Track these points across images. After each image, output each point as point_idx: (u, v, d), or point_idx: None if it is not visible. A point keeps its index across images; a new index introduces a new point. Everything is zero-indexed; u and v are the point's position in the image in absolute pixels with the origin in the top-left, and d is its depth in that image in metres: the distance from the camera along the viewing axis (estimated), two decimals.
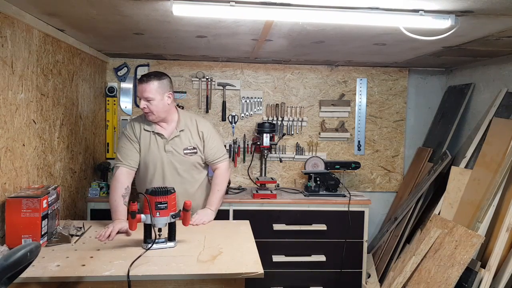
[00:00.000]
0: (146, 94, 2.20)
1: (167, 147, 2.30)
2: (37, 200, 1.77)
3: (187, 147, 2.32)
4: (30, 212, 1.76)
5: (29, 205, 1.76)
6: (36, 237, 1.77)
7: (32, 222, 1.77)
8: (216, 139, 2.42)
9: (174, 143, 2.31)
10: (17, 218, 1.76)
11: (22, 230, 1.76)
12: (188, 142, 2.33)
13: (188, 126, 2.35)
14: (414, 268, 2.72)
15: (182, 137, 2.32)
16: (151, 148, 2.30)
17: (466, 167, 2.96)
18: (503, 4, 1.67)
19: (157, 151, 2.30)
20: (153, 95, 2.20)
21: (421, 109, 3.78)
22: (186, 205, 1.89)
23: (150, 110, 2.23)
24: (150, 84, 2.20)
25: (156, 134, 2.31)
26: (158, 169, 2.30)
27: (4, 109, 1.84)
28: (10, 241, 1.75)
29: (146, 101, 2.21)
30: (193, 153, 2.34)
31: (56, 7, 1.89)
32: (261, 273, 1.61)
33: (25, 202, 1.76)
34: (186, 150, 2.32)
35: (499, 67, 3.06)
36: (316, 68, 3.65)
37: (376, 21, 1.88)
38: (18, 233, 1.76)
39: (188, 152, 2.33)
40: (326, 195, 3.20)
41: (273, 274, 3.06)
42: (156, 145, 2.30)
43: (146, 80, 2.21)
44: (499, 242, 2.39)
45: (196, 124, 2.37)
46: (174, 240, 1.87)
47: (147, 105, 2.22)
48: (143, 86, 2.21)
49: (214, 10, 1.76)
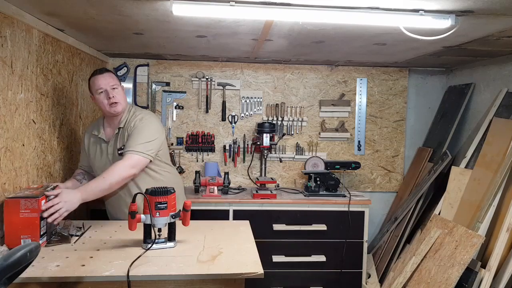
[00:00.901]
0: (111, 82, 2.14)
1: (109, 150, 2.23)
2: (35, 200, 1.76)
3: (121, 147, 2.17)
4: (28, 212, 1.76)
5: (27, 206, 1.76)
6: (35, 237, 1.76)
7: (31, 223, 1.76)
8: (138, 131, 2.11)
9: (113, 144, 2.22)
10: (16, 218, 1.75)
11: (21, 230, 1.76)
12: (122, 142, 2.18)
13: (126, 123, 2.20)
14: (414, 268, 2.72)
15: (118, 136, 2.20)
16: (96, 154, 2.27)
17: (466, 167, 2.96)
18: (503, 4, 1.67)
19: (100, 156, 2.26)
20: (116, 82, 2.18)
21: (421, 109, 3.78)
22: (186, 205, 1.88)
23: (118, 100, 2.15)
24: (108, 73, 2.18)
25: (100, 139, 2.25)
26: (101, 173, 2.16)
27: (4, 109, 1.84)
28: (9, 242, 1.75)
29: (112, 89, 2.14)
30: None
31: (56, 7, 1.89)
32: (261, 273, 1.61)
33: (23, 203, 1.75)
34: (120, 150, 2.17)
35: (499, 67, 3.06)
36: (316, 68, 3.64)
37: (376, 21, 1.88)
38: (17, 234, 1.75)
39: (121, 152, 2.14)
40: (326, 195, 3.20)
41: (273, 274, 3.06)
42: (100, 150, 2.26)
43: (102, 71, 2.17)
44: (499, 242, 2.39)
45: (135, 120, 2.17)
46: (174, 240, 1.87)
47: (115, 94, 2.14)
48: (104, 76, 2.15)
49: (214, 10, 1.76)
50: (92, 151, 2.29)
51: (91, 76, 2.20)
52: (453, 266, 2.43)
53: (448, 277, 2.42)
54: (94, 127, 2.33)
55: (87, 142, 2.32)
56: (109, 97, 2.14)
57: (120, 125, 2.21)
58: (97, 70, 2.20)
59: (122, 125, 2.21)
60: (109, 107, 2.16)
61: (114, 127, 2.25)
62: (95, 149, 2.28)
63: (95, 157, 2.27)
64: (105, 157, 2.24)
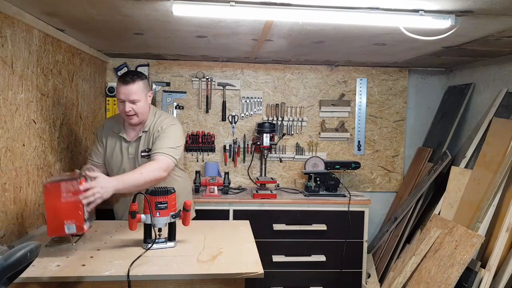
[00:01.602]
0: (132, 96, 2.06)
1: (130, 150, 2.21)
2: (77, 182, 1.66)
3: (145, 149, 2.19)
4: (70, 196, 1.66)
5: (69, 189, 1.66)
6: (80, 221, 1.66)
7: (75, 206, 1.66)
8: (167, 135, 2.14)
9: (136, 146, 2.21)
10: (58, 203, 1.66)
11: (64, 215, 1.67)
12: (147, 144, 2.19)
13: (151, 127, 2.21)
14: (414, 268, 2.72)
15: (143, 138, 2.20)
16: (115, 152, 2.24)
17: (466, 167, 2.96)
18: (503, 4, 1.67)
19: (120, 155, 2.23)
20: (139, 96, 2.09)
21: (421, 109, 3.78)
22: (186, 205, 1.88)
23: (135, 113, 2.11)
24: (136, 84, 2.08)
25: (122, 139, 2.23)
26: (119, 172, 2.18)
27: (4, 109, 1.84)
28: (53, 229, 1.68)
29: (131, 103, 2.08)
30: (149, 156, 2.15)
31: (56, 7, 1.89)
32: (261, 273, 1.61)
33: (64, 186, 1.65)
34: (144, 152, 2.19)
35: (499, 67, 3.06)
36: (316, 68, 3.65)
37: (376, 21, 1.88)
38: (60, 220, 1.66)
39: (145, 154, 2.18)
40: (326, 195, 3.20)
41: (273, 274, 3.06)
42: (120, 149, 2.23)
43: (131, 81, 2.07)
44: (499, 242, 2.39)
45: (162, 123, 2.19)
46: (174, 240, 1.87)
47: (133, 108, 2.09)
48: (128, 88, 2.06)
49: (214, 10, 1.76)
50: (111, 148, 2.26)
51: (119, 79, 2.13)
52: (453, 266, 2.43)
53: (448, 277, 2.42)
54: (113, 124, 2.28)
55: (105, 138, 2.27)
56: (126, 110, 2.09)
57: (144, 129, 2.20)
58: (126, 77, 2.09)
59: (147, 129, 2.20)
60: (126, 117, 2.15)
61: (137, 129, 2.23)
62: (114, 147, 2.25)
63: (113, 155, 2.24)
64: (125, 157, 2.22)
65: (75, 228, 1.69)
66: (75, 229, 1.69)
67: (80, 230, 1.69)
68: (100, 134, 2.30)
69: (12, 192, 1.92)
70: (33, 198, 2.14)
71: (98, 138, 2.31)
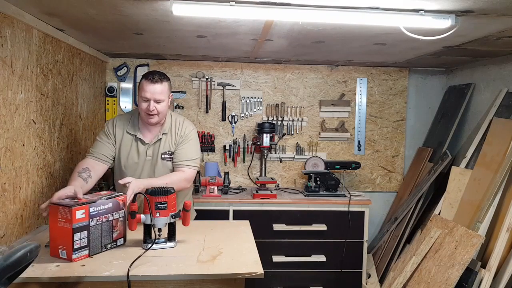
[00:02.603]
0: (158, 96, 2.06)
1: (148, 152, 2.18)
2: (68, 209, 1.60)
3: (166, 152, 2.19)
4: (64, 222, 1.62)
5: (63, 214, 1.62)
6: (69, 249, 1.62)
7: (65, 233, 1.62)
8: (191, 144, 2.22)
9: (155, 148, 2.19)
10: (55, 226, 1.65)
11: (58, 239, 1.65)
12: (168, 147, 2.20)
13: (172, 129, 2.22)
14: (414, 268, 2.71)
15: (163, 141, 2.20)
16: (131, 152, 2.19)
17: (467, 167, 2.96)
18: (503, 4, 1.67)
19: (136, 156, 2.19)
20: (164, 96, 2.09)
21: (421, 109, 3.78)
22: (186, 205, 1.88)
23: (158, 112, 2.10)
24: (163, 85, 2.08)
25: (138, 140, 2.19)
26: (135, 173, 2.18)
27: (4, 109, 1.84)
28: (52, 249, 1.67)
29: (155, 102, 2.07)
30: (170, 158, 2.20)
31: (56, 7, 1.89)
32: (261, 273, 1.61)
33: (60, 211, 1.63)
34: (164, 154, 2.19)
35: (499, 67, 3.06)
36: (316, 68, 3.64)
37: (376, 21, 1.88)
38: (56, 243, 1.66)
39: (165, 157, 2.19)
40: (326, 195, 3.20)
41: (273, 274, 3.06)
42: (137, 149, 2.19)
43: (159, 80, 2.07)
44: (499, 242, 2.39)
45: (182, 127, 2.23)
46: (174, 240, 1.86)
47: (156, 107, 2.08)
48: (156, 87, 2.06)
49: (214, 10, 1.76)
50: (126, 149, 2.19)
51: (144, 76, 2.11)
52: (453, 266, 2.43)
53: (448, 277, 2.42)
54: (126, 123, 2.22)
55: (119, 137, 2.19)
56: (150, 109, 2.08)
57: (164, 131, 2.19)
58: (154, 76, 2.08)
59: (167, 131, 2.20)
60: (145, 116, 2.13)
61: (154, 131, 2.21)
62: (130, 148, 2.19)
63: (129, 156, 2.19)
64: (142, 159, 2.18)
65: (66, 255, 1.64)
66: (65, 256, 1.64)
67: (69, 258, 1.63)
68: (111, 130, 2.20)
69: (12, 192, 1.91)
70: (33, 198, 2.14)
71: (107, 132, 2.20)
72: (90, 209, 1.68)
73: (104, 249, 1.75)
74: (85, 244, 1.67)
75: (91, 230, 1.68)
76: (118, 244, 1.81)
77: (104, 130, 2.22)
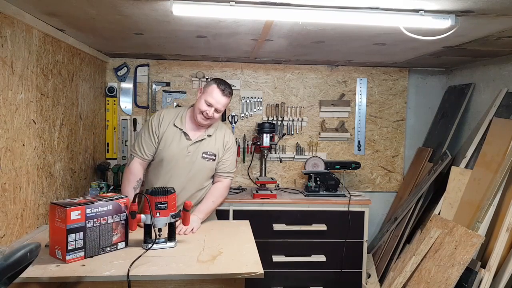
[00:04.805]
0: (221, 107, 2.24)
1: (190, 148, 2.27)
2: (63, 210, 1.61)
3: (207, 152, 2.31)
4: (59, 222, 1.63)
5: (59, 215, 1.63)
6: (63, 250, 1.62)
7: (61, 233, 1.62)
8: (234, 155, 2.43)
9: (196, 146, 2.29)
10: (53, 226, 1.66)
11: (55, 240, 1.65)
12: (210, 148, 2.31)
13: (216, 133, 2.35)
14: (414, 268, 2.72)
15: (206, 141, 2.31)
16: (172, 145, 2.26)
17: (466, 167, 2.96)
18: (503, 4, 1.67)
19: (177, 149, 2.26)
20: (224, 107, 2.27)
21: (421, 109, 3.78)
22: (186, 205, 1.88)
23: (213, 118, 2.24)
24: (229, 99, 2.27)
25: (183, 133, 2.28)
26: (172, 167, 2.26)
27: (4, 109, 1.84)
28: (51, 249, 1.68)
29: (216, 111, 2.23)
30: (211, 159, 2.32)
31: (56, 7, 1.89)
32: (261, 273, 1.61)
33: (57, 210, 1.63)
34: (205, 154, 2.30)
35: (499, 67, 3.06)
36: (316, 68, 3.65)
37: (376, 21, 1.88)
38: (53, 243, 1.67)
39: (206, 156, 2.30)
40: (326, 195, 3.20)
41: (273, 274, 3.06)
42: (179, 143, 2.27)
43: (228, 94, 2.26)
44: (499, 242, 2.39)
45: (224, 133, 2.39)
46: (174, 240, 1.87)
47: (214, 115, 2.23)
48: (223, 99, 2.23)
49: (214, 10, 1.76)
50: (169, 139, 2.28)
51: (216, 82, 2.26)
52: (453, 266, 2.43)
53: (448, 277, 2.42)
54: (173, 116, 2.32)
55: (164, 128, 2.29)
56: (208, 114, 2.22)
57: (209, 133, 2.32)
58: (226, 89, 2.26)
59: (211, 133, 2.33)
60: (200, 117, 2.24)
61: (198, 131, 2.32)
62: (172, 139, 2.27)
63: (170, 146, 2.26)
64: (182, 152, 2.27)
65: (61, 255, 1.64)
66: (60, 256, 1.64)
67: (63, 259, 1.63)
68: (157, 123, 2.29)
69: (12, 192, 1.91)
70: (33, 198, 2.14)
71: (152, 128, 2.29)
72: (87, 211, 1.67)
73: (102, 251, 1.74)
74: (81, 246, 1.66)
75: (87, 231, 1.67)
76: (118, 247, 1.81)
77: (148, 125, 2.31)
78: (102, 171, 3.19)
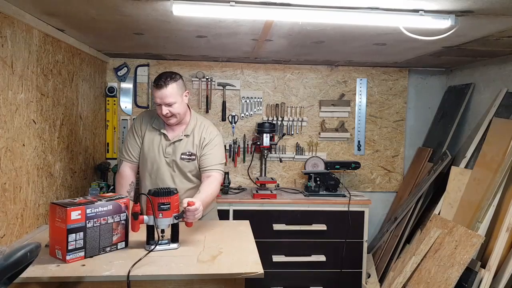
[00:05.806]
0: (167, 99, 2.10)
1: (168, 149, 2.24)
2: (64, 209, 1.59)
3: (186, 152, 2.24)
4: (60, 222, 1.61)
5: (60, 214, 1.61)
6: (63, 250, 1.61)
7: (61, 233, 1.61)
8: (217, 148, 2.27)
9: (174, 147, 2.24)
10: (53, 226, 1.65)
11: (55, 240, 1.64)
12: (188, 148, 2.24)
13: (194, 132, 2.26)
14: (414, 268, 2.72)
15: (184, 141, 2.24)
16: (153, 147, 2.25)
17: (466, 167, 2.96)
18: (503, 4, 1.67)
19: (157, 150, 2.25)
20: (174, 98, 2.12)
21: (421, 109, 3.78)
22: (190, 205, 1.87)
23: (172, 114, 2.15)
24: (169, 87, 2.10)
25: (161, 134, 2.25)
26: (154, 168, 2.25)
27: (4, 109, 1.84)
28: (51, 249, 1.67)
29: (167, 106, 2.12)
30: (190, 159, 2.24)
31: (56, 7, 1.89)
32: (261, 273, 1.61)
33: (58, 210, 1.62)
34: (184, 155, 2.23)
35: (499, 67, 3.06)
36: (316, 68, 3.65)
37: (376, 21, 1.88)
38: (54, 243, 1.66)
39: (184, 158, 2.23)
40: (326, 195, 3.20)
41: (273, 274, 3.06)
42: (159, 144, 2.25)
43: (164, 84, 2.09)
44: (499, 242, 2.39)
45: (203, 129, 2.27)
46: (177, 241, 1.85)
47: (170, 110, 2.13)
48: (162, 92, 2.09)
49: (214, 10, 1.76)
50: (148, 142, 2.25)
51: (153, 83, 2.16)
52: (452, 266, 2.43)
53: (448, 277, 2.42)
54: (153, 119, 2.28)
55: (144, 130, 2.27)
56: (164, 113, 2.14)
57: (186, 133, 2.24)
58: (160, 81, 2.11)
59: (189, 133, 2.25)
60: (164, 119, 2.20)
61: (177, 130, 2.26)
62: (152, 142, 2.25)
63: (149, 149, 2.25)
64: (161, 155, 2.23)
65: (61, 255, 1.63)
66: (61, 256, 1.63)
67: (63, 259, 1.62)
68: (139, 126, 2.28)
69: (12, 192, 1.91)
70: (33, 198, 2.14)
71: (135, 131, 2.28)
72: (87, 211, 1.67)
73: (102, 252, 1.74)
74: (81, 246, 1.66)
75: (87, 231, 1.67)
76: (118, 247, 1.80)
77: (132, 128, 2.31)
78: (102, 171, 3.19)
